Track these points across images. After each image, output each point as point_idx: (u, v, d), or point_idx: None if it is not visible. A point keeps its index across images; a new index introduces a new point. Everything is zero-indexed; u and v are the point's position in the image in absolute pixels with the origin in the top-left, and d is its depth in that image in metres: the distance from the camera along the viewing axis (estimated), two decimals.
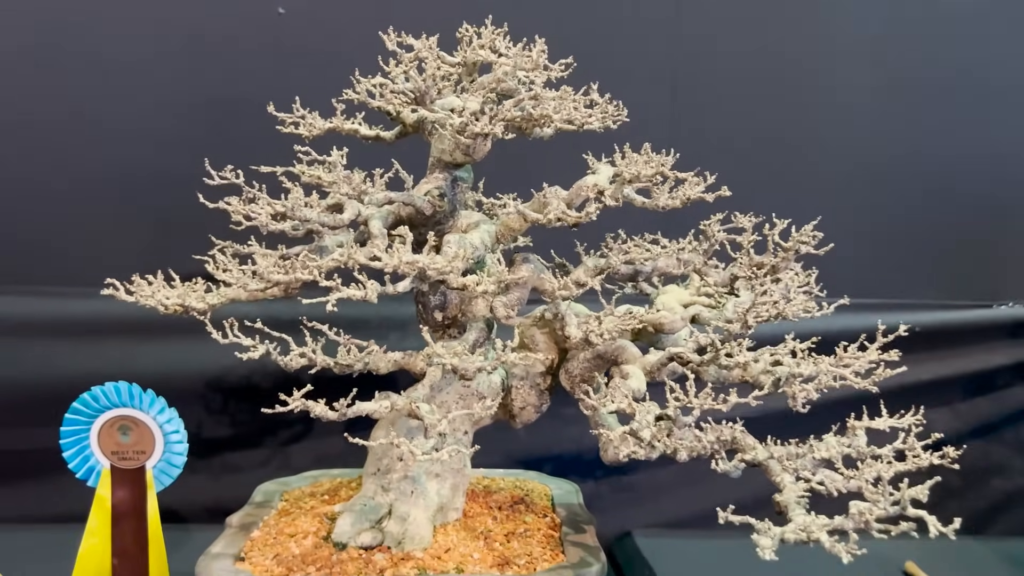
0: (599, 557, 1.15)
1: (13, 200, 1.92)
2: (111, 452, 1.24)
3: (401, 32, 1.17)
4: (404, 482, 1.22)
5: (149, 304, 1.13)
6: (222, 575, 1.06)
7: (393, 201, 1.12)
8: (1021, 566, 1.98)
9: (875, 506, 0.94)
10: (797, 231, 1.23)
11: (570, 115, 1.10)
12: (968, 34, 2.19)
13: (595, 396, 1.05)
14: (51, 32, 1.89)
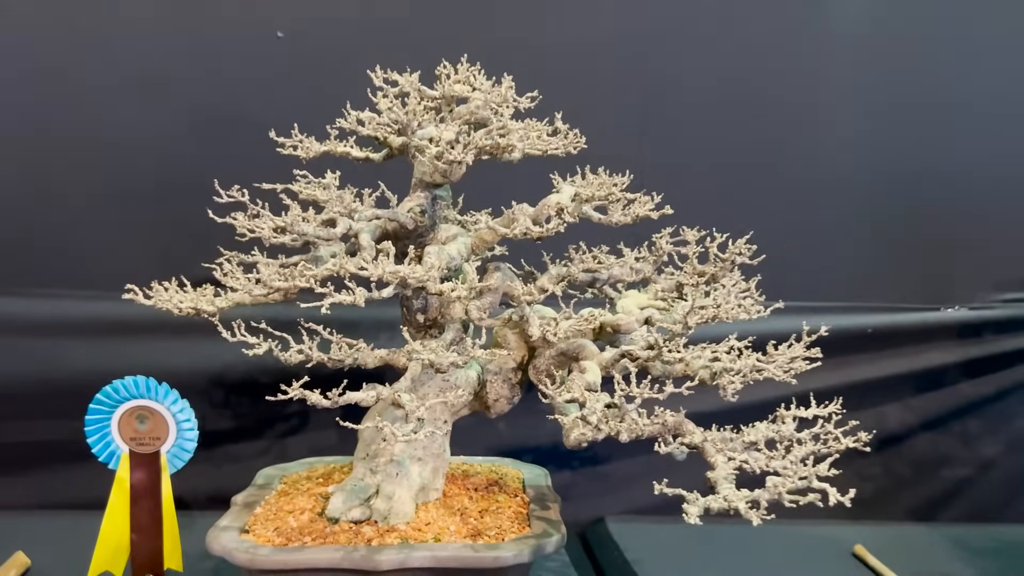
0: (560, 529, 1.31)
1: (34, 209, 2.08)
2: (130, 438, 1.40)
3: (387, 69, 1.33)
4: (390, 465, 1.38)
5: (166, 307, 1.29)
6: (230, 543, 1.22)
7: (380, 217, 1.28)
8: (966, 550, 2.14)
9: (787, 480, 1.10)
10: (737, 242, 1.39)
11: (533, 144, 1.26)
12: (928, 56, 2.35)
13: (553, 387, 1.20)
14: (69, 54, 2.06)
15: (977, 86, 2.36)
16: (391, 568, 1.18)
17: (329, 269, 1.16)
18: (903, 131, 2.35)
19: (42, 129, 2.07)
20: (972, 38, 2.35)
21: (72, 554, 1.79)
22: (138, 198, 2.09)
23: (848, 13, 2.31)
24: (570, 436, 1.25)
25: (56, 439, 2.09)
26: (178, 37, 2.07)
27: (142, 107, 2.07)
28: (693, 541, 2.11)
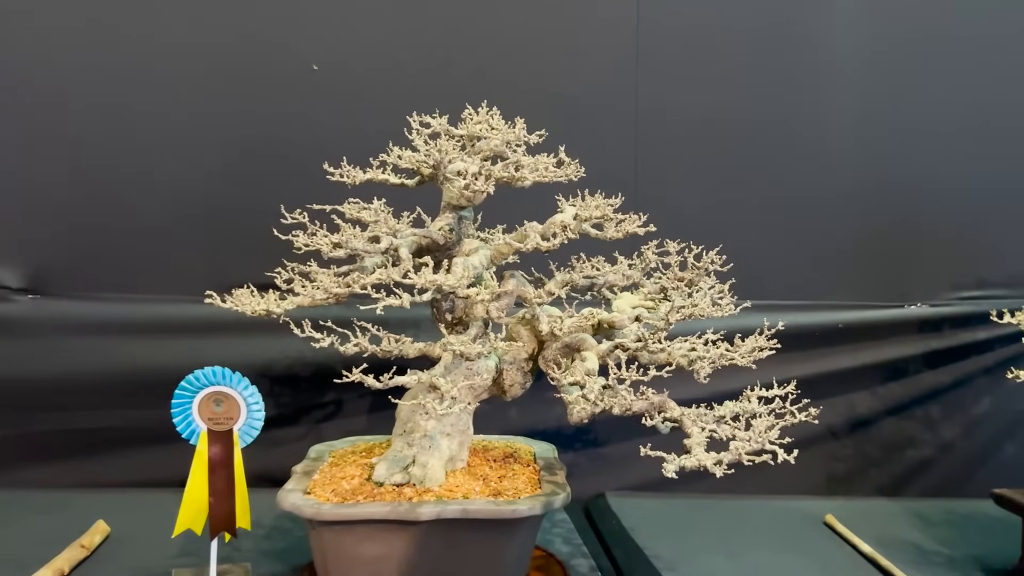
0: (565, 489, 1.58)
1: (104, 225, 2.37)
2: (207, 418, 1.67)
3: (421, 112, 1.62)
4: (424, 439, 1.66)
5: (242, 310, 1.56)
6: (298, 501, 1.50)
7: (416, 234, 1.56)
8: (926, 522, 2.39)
9: (746, 444, 1.37)
10: (710, 253, 1.67)
11: (542, 175, 1.54)
12: (892, 75, 2.62)
13: (559, 372, 1.48)
14: (133, 89, 2.36)
15: (934, 105, 2.63)
16: (429, 519, 1.46)
17: (379, 278, 1.44)
18: (870, 151, 2.62)
19: (112, 157, 2.37)
20: (937, 60, 2.62)
21: (145, 523, 2.09)
22: (193, 216, 2.39)
23: (821, 40, 2.59)
24: (573, 413, 1.52)
25: (122, 426, 2.39)
26: (228, 71, 2.36)
27: (195, 137, 2.37)
28: (682, 513, 2.39)
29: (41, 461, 2.38)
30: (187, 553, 1.93)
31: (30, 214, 2.35)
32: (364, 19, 2.39)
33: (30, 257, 2.36)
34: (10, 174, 2.34)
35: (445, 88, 2.27)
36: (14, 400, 2.33)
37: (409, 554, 1.49)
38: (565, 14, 2.44)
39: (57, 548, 1.86)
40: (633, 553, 2.05)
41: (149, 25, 2.35)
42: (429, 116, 1.63)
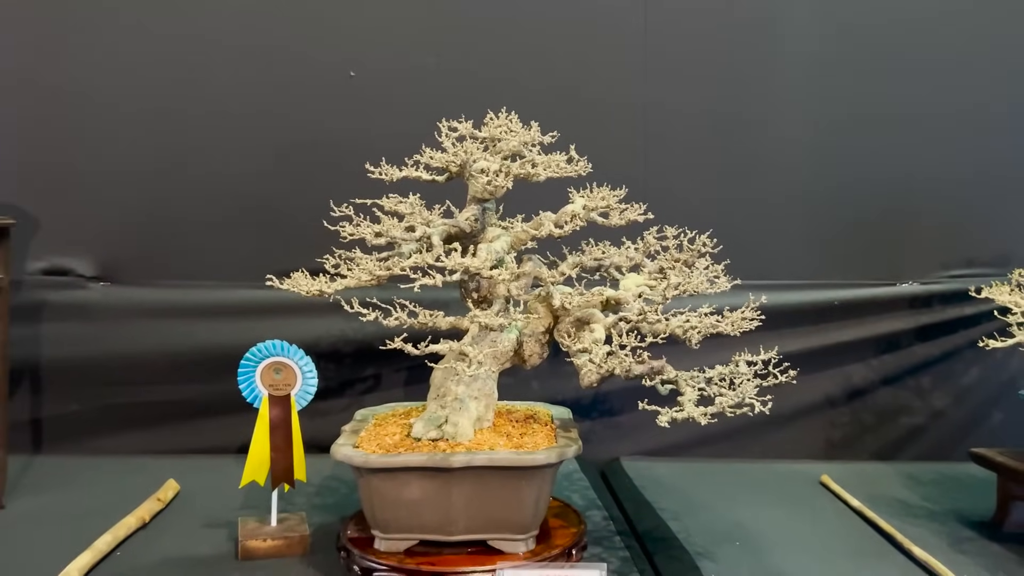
0: (577, 443, 1.82)
1: (165, 218, 2.65)
2: (268, 385, 1.94)
3: (450, 118, 1.87)
4: (455, 402, 1.90)
5: (299, 291, 1.82)
6: (349, 452, 1.75)
7: (446, 224, 1.81)
8: (915, 482, 2.58)
9: (729, 399, 1.60)
10: (702, 237, 1.90)
11: (554, 171, 1.78)
12: (875, 73, 2.83)
13: (571, 340, 1.73)
14: (197, 91, 2.64)
15: (924, 100, 2.83)
16: (460, 466, 1.70)
17: (415, 262, 1.69)
18: (865, 143, 2.83)
19: (175, 159, 2.65)
20: (929, 56, 2.82)
21: (209, 483, 2.37)
22: (247, 210, 2.67)
23: (817, 37, 2.80)
24: (583, 377, 1.77)
25: (184, 399, 2.67)
26: (279, 81, 2.64)
27: (249, 139, 2.65)
28: (689, 475, 2.62)
29: (113, 431, 2.67)
30: (247, 506, 2.20)
31: (101, 210, 2.64)
32: (393, 32, 2.67)
33: (102, 249, 2.65)
34: (84, 175, 2.63)
35: (467, 92, 2.53)
36: (89, 377, 2.62)
37: (443, 496, 1.74)
38: (576, 28, 2.69)
39: (134, 503, 2.14)
40: (642, 507, 2.29)
41: (211, 37, 2.64)
42: (456, 121, 1.87)
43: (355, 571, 1.80)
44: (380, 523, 1.79)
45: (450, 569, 1.74)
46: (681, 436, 2.80)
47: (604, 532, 2.10)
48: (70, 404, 2.63)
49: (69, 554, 1.81)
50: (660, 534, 2.08)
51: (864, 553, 2.02)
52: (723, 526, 2.16)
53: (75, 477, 2.42)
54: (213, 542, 1.99)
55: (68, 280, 2.62)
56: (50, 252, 2.59)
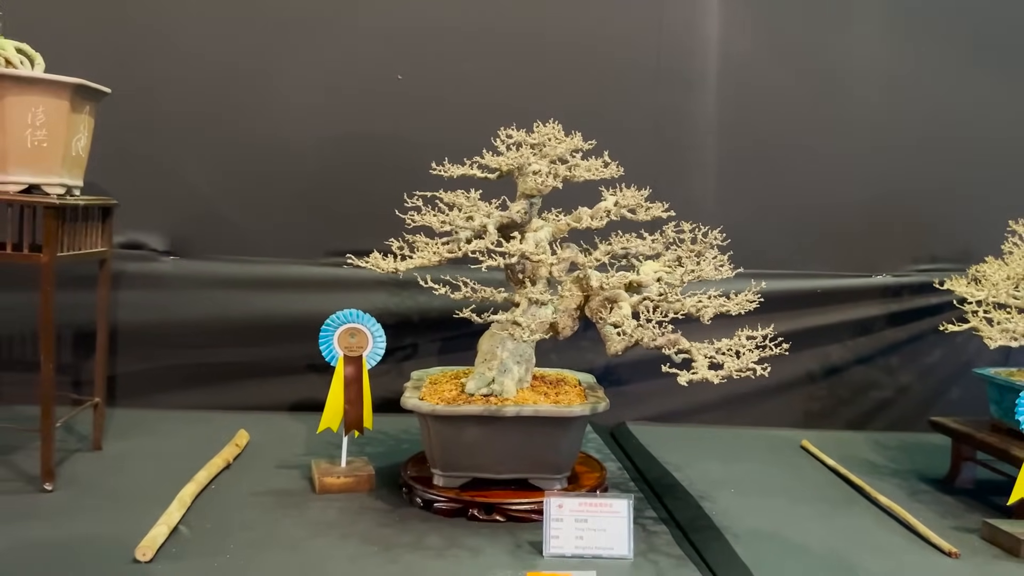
0: (605, 400, 2.19)
1: (233, 199, 2.98)
2: (344, 347, 2.29)
3: (506, 127, 2.23)
4: (500, 366, 2.26)
5: (376, 268, 2.16)
6: (418, 402, 2.10)
7: (502, 215, 2.16)
8: (882, 447, 2.96)
9: (735, 364, 1.96)
10: (712, 232, 2.26)
11: (594, 173, 2.14)
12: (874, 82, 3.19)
13: (606, 313, 2.09)
14: (266, 85, 2.95)
15: (900, 116, 3.21)
16: (511, 415, 2.07)
17: (477, 246, 2.04)
18: (847, 152, 3.18)
19: (244, 147, 2.96)
20: (913, 74, 3.19)
21: (272, 434, 2.71)
22: (308, 195, 3.00)
23: (820, 53, 3.16)
24: (611, 346, 2.13)
25: (244, 361, 2.99)
26: (334, 77, 2.96)
27: (312, 132, 2.97)
28: (687, 437, 3.00)
29: (178, 388, 2.99)
30: (311, 453, 2.55)
31: (173, 192, 2.95)
32: (441, 42, 2.99)
33: (172, 225, 2.97)
34: (156, 157, 2.93)
35: (510, 98, 2.89)
36: (160, 340, 2.94)
37: (494, 441, 2.10)
38: (599, 47, 3.04)
39: (209, 450, 2.47)
40: (649, 460, 2.66)
41: (277, 31, 2.96)
42: (511, 129, 2.22)
43: (417, 503, 2.16)
44: (440, 462, 2.15)
45: (499, 500, 2.10)
46: (679, 404, 3.17)
47: (620, 479, 2.48)
48: (141, 363, 2.94)
49: (170, 484, 2.13)
50: (667, 481, 2.45)
51: (838, 501, 2.40)
52: (719, 477, 2.53)
53: (152, 426, 2.75)
54: (290, 480, 2.33)
55: (142, 254, 2.93)
56: (127, 228, 2.89)
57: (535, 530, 1.98)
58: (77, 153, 2.20)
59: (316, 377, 3.00)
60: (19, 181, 2.06)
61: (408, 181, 2.29)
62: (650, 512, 2.23)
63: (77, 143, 2.19)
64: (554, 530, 1.90)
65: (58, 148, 2.10)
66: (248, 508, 2.11)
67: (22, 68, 2.08)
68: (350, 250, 2.59)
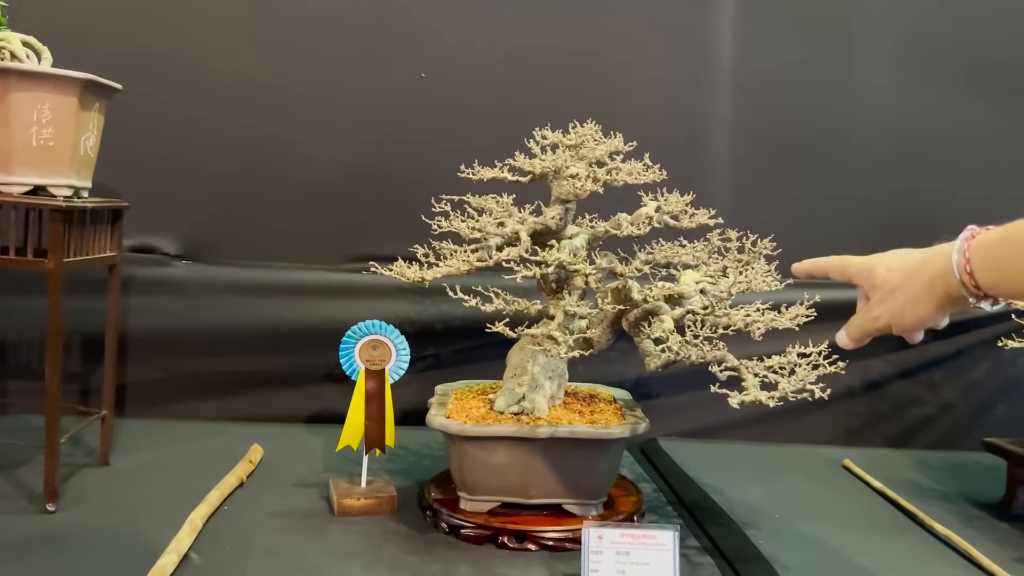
0: (645, 420, 2.05)
1: (246, 203, 2.85)
2: (366, 360, 2.15)
3: (540, 127, 2.09)
4: (531, 382, 2.12)
5: (402, 277, 2.02)
6: (445, 421, 1.97)
7: (536, 222, 2.02)
8: (928, 467, 2.82)
9: (790, 384, 1.82)
10: (762, 240, 2.12)
11: (635, 178, 2.00)
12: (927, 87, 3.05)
13: (648, 328, 1.95)
14: (283, 84, 2.83)
15: (959, 120, 3.06)
16: (544, 436, 1.93)
17: (509, 253, 1.90)
18: (890, 157, 3.04)
19: (259, 148, 2.84)
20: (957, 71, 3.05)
21: (288, 448, 2.58)
22: (326, 199, 2.87)
23: (866, 55, 3.02)
24: (650, 363, 1.99)
25: (259, 370, 2.87)
26: (361, 77, 2.84)
27: (330, 133, 2.85)
28: (722, 455, 2.86)
29: (191, 397, 2.87)
30: (329, 470, 2.42)
31: (187, 194, 2.83)
32: (467, 40, 2.86)
33: (185, 229, 2.84)
34: (169, 157, 2.81)
35: (541, 101, 2.76)
36: (172, 347, 2.81)
37: (526, 463, 1.97)
38: (641, 48, 2.91)
39: (224, 462, 2.35)
40: (685, 481, 2.52)
41: (296, 29, 2.83)
42: (546, 129, 2.08)
43: (443, 528, 2.03)
44: (468, 485, 2.01)
45: (530, 528, 1.96)
46: (712, 419, 3.04)
47: (656, 502, 2.33)
48: (152, 372, 2.82)
49: (180, 504, 2.01)
50: (706, 505, 2.31)
51: (889, 527, 2.25)
52: (760, 500, 2.39)
53: (163, 438, 2.63)
54: (307, 500, 2.20)
55: (154, 258, 2.81)
56: (138, 231, 2.77)
57: (571, 560, 1.85)
58: (86, 153, 2.08)
59: (334, 388, 2.88)
60: (24, 182, 1.94)
61: (433, 185, 2.16)
62: (692, 541, 2.08)
63: (86, 142, 2.06)
64: (593, 563, 1.76)
65: (66, 147, 1.98)
66: (264, 532, 1.98)
67: (28, 62, 1.96)
68: (370, 256, 2.47)
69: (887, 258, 1.34)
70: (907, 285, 1.24)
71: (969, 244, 1.18)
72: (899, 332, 1.32)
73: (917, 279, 1.23)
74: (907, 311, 1.25)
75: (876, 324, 1.33)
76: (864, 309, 1.37)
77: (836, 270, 1.45)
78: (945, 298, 1.19)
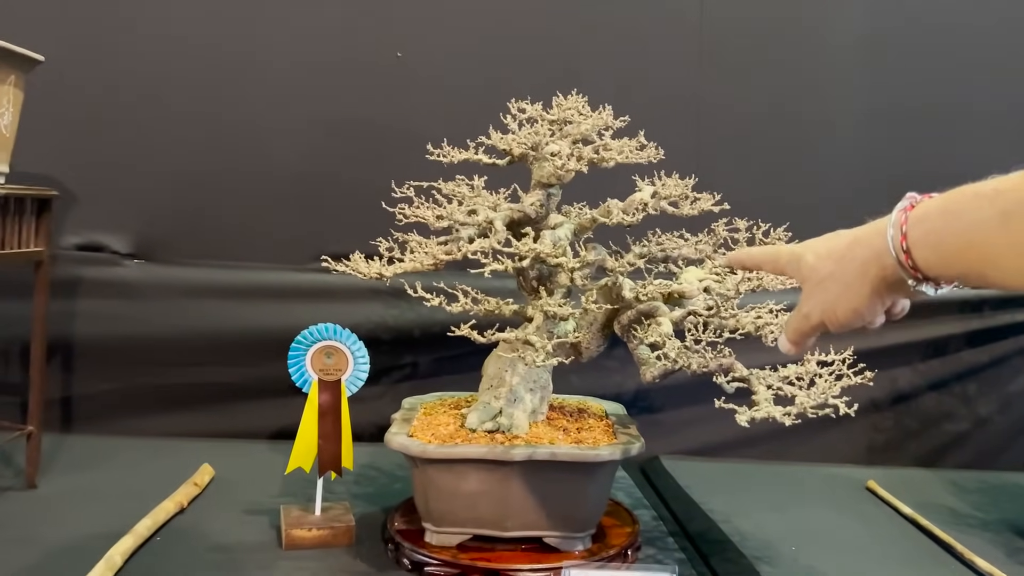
0: (640, 440, 1.76)
1: (207, 197, 2.59)
2: (319, 369, 1.88)
3: (517, 99, 1.81)
4: (509, 394, 1.84)
5: (358, 273, 1.76)
6: (405, 441, 1.69)
7: (512, 208, 1.74)
8: (962, 490, 2.54)
9: (811, 399, 1.54)
10: (776, 230, 1.83)
11: (626, 156, 1.72)
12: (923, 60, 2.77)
13: (641, 333, 1.66)
14: (242, 65, 2.57)
15: (976, 106, 2.77)
16: (522, 460, 1.64)
17: (481, 246, 1.63)
18: (914, 142, 2.76)
19: (216, 137, 2.58)
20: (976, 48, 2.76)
21: (244, 468, 2.31)
22: (289, 192, 2.61)
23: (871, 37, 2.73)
24: (646, 373, 1.71)
25: (220, 381, 2.60)
26: (326, 58, 2.57)
27: (295, 118, 2.58)
28: (731, 475, 2.57)
29: (145, 411, 2.60)
30: (285, 494, 2.15)
31: (141, 185, 2.57)
32: (445, 15, 2.59)
33: (137, 225, 2.58)
34: (120, 149, 2.55)
35: (522, 78, 2.47)
36: (124, 356, 2.55)
37: (501, 490, 1.68)
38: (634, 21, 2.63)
39: (169, 486, 2.08)
40: (690, 507, 2.23)
41: (255, 11, 2.57)
42: (524, 102, 1.80)
43: (405, 564, 1.75)
44: (434, 515, 1.73)
45: (505, 566, 1.68)
46: (721, 435, 2.74)
47: (656, 532, 2.04)
48: (102, 383, 2.56)
49: (106, 537, 1.75)
50: (713, 536, 2.02)
51: (924, 563, 1.96)
52: (775, 529, 2.10)
53: (107, 458, 2.36)
54: (255, 530, 1.93)
55: (103, 257, 2.55)
56: (86, 227, 2.53)
57: None
58: (0, 132, 1.82)
59: (302, 400, 2.56)
60: None
61: (410, 175, 1.88)
62: None
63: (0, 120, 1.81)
64: None
65: None
66: (197, 570, 1.70)
67: None
68: (342, 254, 2.20)
69: (817, 244, 1.09)
70: (838, 273, 1.03)
71: (907, 216, 0.93)
72: (836, 330, 1.08)
73: (848, 264, 1.02)
74: (839, 304, 1.03)
75: (809, 322, 1.09)
76: (797, 306, 1.12)
77: (767, 261, 1.20)
78: (880, 283, 0.98)
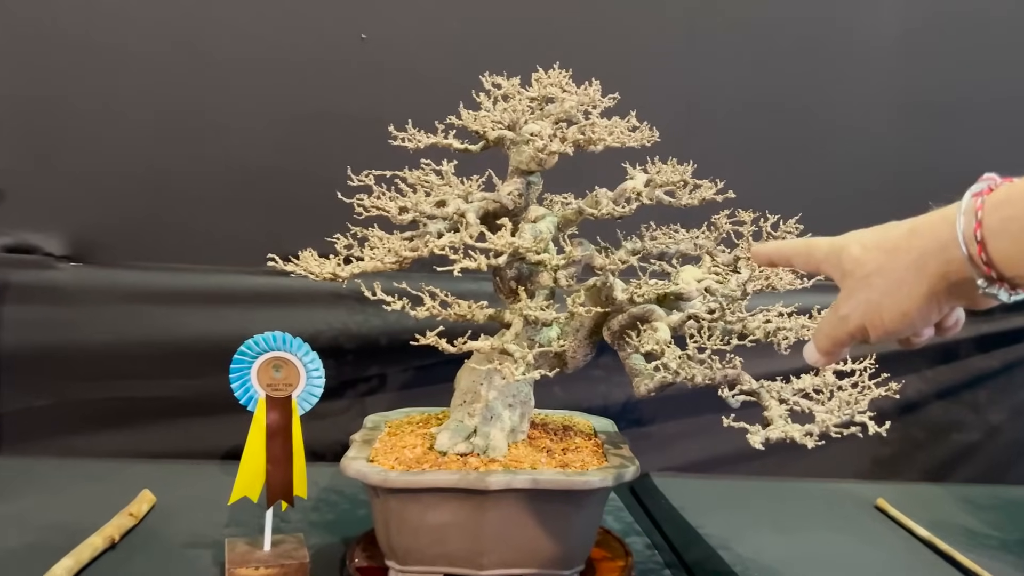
0: (634, 462, 1.55)
1: (158, 194, 2.35)
2: (266, 384, 1.64)
3: (491, 72, 1.58)
4: (485, 410, 1.62)
5: (309, 273, 1.53)
6: (363, 468, 1.46)
7: (486, 199, 1.52)
8: (975, 507, 2.36)
9: (834, 416, 1.33)
10: (786, 222, 1.63)
11: (617, 138, 1.50)
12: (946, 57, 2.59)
13: (636, 340, 1.45)
14: (185, 53, 2.33)
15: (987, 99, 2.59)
16: (499, 488, 1.42)
17: (451, 241, 1.40)
18: (925, 137, 2.58)
19: (160, 127, 2.35)
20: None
21: (191, 494, 2.07)
22: (241, 186, 2.37)
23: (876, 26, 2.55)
24: (639, 385, 1.50)
25: (165, 396, 2.37)
26: (279, 42, 2.35)
27: (246, 106, 2.35)
28: (728, 494, 2.37)
29: (82, 430, 2.36)
30: (235, 523, 1.91)
31: (76, 180, 2.33)
32: None
33: (73, 225, 2.34)
34: (53, 140, 2.31)
35: (496, 58, 2.25)
36: (59, 369, 2.31)
37: (475, 523, 1.46)
38: None
39: (104, 515, 1.84)
40: (685, 531, 2.02)
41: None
42: (500, 77, 1.59)
43: None
44: (398, 552, 1.51)
45: None
46: (717, 449, 2.55)
47: (651, 564, 1.83)
48: (34, 399, 2.32)
49: None
50: (714, 567, 1.81)
51: None
52: (778, 554, 1.90)
53: (36, 482, 2.11)
54: (195, 568, 1.69)
55: (35, 259, 2.31)
56: (14, 226, 2.29)
57: None
58: None
59: None
60: None
61: (375, 166, 1.65)
62: None
63: None
64: None
65: None
66: None
67: None
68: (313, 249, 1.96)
69: (864, 234, 0.91)
70: (888, 267, 0.85)
71: (984, 201, 0.75)
72: (878, 339, 0.88)
73: (902, 257, 0.84)
74: (886, 305, 0.84)
75: (846, 327, 0.89)
76: (832, 306, 0.91)
77: (799, 255, 0.99)
78: (940, 282, 0.80)
